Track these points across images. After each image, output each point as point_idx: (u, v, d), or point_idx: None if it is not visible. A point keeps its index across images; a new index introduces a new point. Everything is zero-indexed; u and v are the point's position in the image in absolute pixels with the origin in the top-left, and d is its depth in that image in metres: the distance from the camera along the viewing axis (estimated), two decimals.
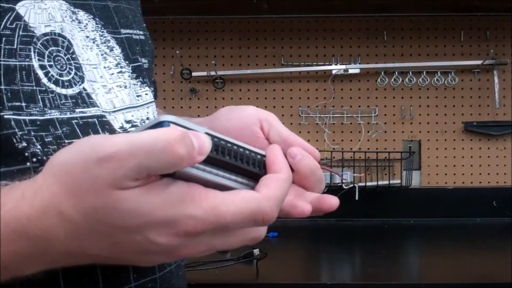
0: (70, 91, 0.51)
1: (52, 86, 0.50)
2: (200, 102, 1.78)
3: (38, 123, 0.48)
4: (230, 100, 1.77)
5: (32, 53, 0.49)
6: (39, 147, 0.48)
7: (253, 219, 0.40)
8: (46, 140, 0.48)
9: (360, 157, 1.73)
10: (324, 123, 1.76)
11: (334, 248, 1.44)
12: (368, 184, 1.69)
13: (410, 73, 1.74)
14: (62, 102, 0.50)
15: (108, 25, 0.59)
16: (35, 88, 0.49)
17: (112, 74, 0.58)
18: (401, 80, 1.75)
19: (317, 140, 1.76)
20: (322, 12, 1.74)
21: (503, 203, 1.69)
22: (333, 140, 1.76)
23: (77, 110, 0.51)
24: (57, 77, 0.51)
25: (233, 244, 0.43)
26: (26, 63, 0.49)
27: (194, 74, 1.75)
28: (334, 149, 1.74)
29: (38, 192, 0.39)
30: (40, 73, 0.49)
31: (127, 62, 0.60)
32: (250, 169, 0.43)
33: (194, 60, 1.78)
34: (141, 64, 0.63)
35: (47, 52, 0.50)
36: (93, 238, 0.39)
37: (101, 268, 0.51)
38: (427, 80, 1.75)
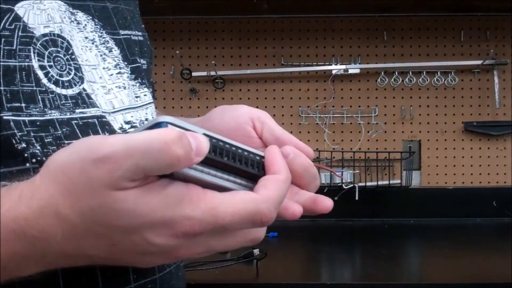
0: (70, 92, 0.51)
1: (52, 87, 0.50)
2: (200, 102, 1.78)
3: (38, 123, 0.48)
4: (230, 100, 1.77)
5: (31, 54, 0.49)
6: (38, 148, 0.48)
7: (252, 220, 0.39)
8: (45, 140, 0.48)
9: (360, 157, 1.73)
10: (324, 123, 1.76)
11: (334, 248, 1.44)
12: (368, 184, 1.69)
13: (410, 73, 1.74)
14: (62, 102, 0.50)
15: (107, 26, 0.59)
16: (35, 88, 0.49)
17: (111, 75, 0.58)
18: (401, 80, 1.75)
19: (317, 140, 1.76)
20: (322, 12, 1.74)
21: (503, 203, 1.69)
22: (333, 140, 1.76)
23: (77, 111, 0.51)
24: (57, 77, 0.51)
25: (231, 246, 0.43)
26: (26, 64, 0.48)
27: (194, 74, 1.75)
28: (334, 149, 1.74)
29: (36, 193, 0.39)
30: (40, 74, 0.49)
31: (126, 63, 0.60)
32: (248, 170, 0.42)
33: (194, 60, 1.78)
34: (140, 65, 0.62)
35: (46, 53, 0.50)
36: (91, 239, 0.39)
37: (100, 269, 0.51)
38: (427, 80, 1.74)
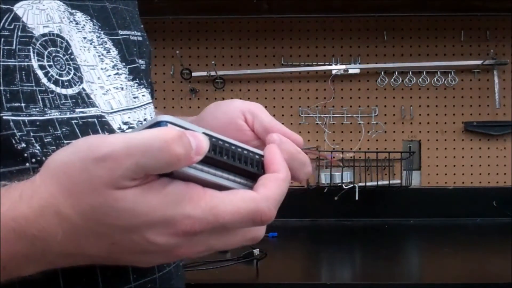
0: (70, 91, 0.51)
1: (52, 86, 0.50)
2: (200, 102, 1.78)
3: (38, 123, 0.48)
4: None
5: (31, 54, 0.49)
6: (38, 147, 0.48)
7: (251, 219, 0.39)
8: (45, 140, 0.48)
9: (360, 157, 1.73)
10: (324, 123, 1.75)
11: (334, 248, 1.44)
12: (368, 184, 1.69)
13: (410, 73, 1.74)
14: (62, 102, 0.50)
15: (105, 27, 0.59)
16: (35, 88, 0.49)
17: (109, 75, 0.58)
18: (401, 80, 1.75)
19: (317, 140, 1.76)
20: (322, 12, 1.74)
21: (503, 203, 1.69)
22: (333, 140, 1.76)
23: (77, 110, 0.51)
24: (57, 77, 0.51)
25: (231, 244, 0.43)
26: (26, 64, 0.48)
27: (194, 74, 1.75)
28: (334, 149, 1.74)
29: (36, 193, 0.39)
30: (40, 73, 0.49)
31: (124, 63, 0.60)
32: (248, 169, 0.42)
33: (194, 60, 1.78)
34: (138, 66, 0.62)
35: (46, 53, 0.50)
36: (91, 238, 0.39)
37: (100, 268, 0.51)
38: (427, 80, 1.74)
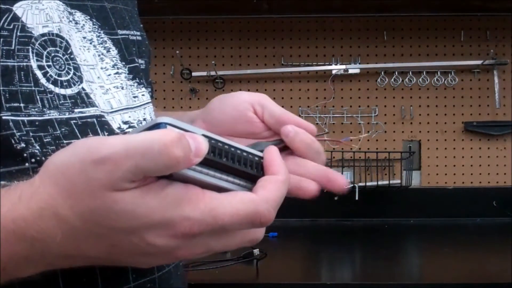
0: (69, 91, 0.51)
1: (51, 87, 0.50)
2: (200, 102, 1.78)
3: (37, 123, 0.48)
4: None
5: (30, 54, 0.49)
6: (37, 147, 0.48)
7: (251, 221, 0.39)
8: (44, 140, 0.48)
9: (360, 157, 1.73)
10: (324, 123, 1.75)
11: (334, 248, 1.44)
12: (368, 184, 1.69)
13: (410, 73, 1.74)
14: (61, 102, 0.50)
15: (104, 26, 0.59)
16: (33, 88, 0.49)
17: (109, 75, 0.58)
18: (401, 80, 1.75)
19: None
20: (322, 12, 1.74)
21: (503, 203, 1.69)
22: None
23: (76, 110, 0.51)
24: (56, 77, 0.51)
25: (231, 246, 0.43)
26: (24, 64, 0.48)
27: (194, 74, 1.75)
28: (334, 149, 1.74)
29: (35, 194, 0.39)
30: (39, 74, 0.49)
31: (124, 63, 0.60)
32: (247, 170, 0.42)
33: (194, 60, 1.77)
34: (137, 65, 0.62)
35: (45, 53, 0.50)
36: (90, 240, 0.39)
37: (100, 268, 0.51)
38: (427, 80, 1.74)
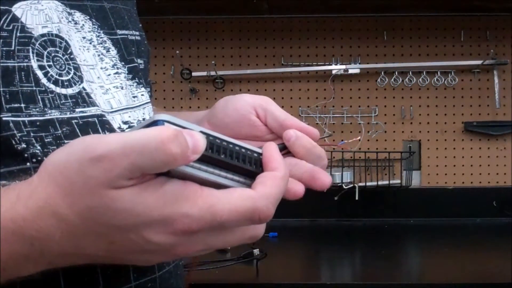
0: (70, 91, 0.51)
1: (52, 86, 0.50)
2: (200, 102, 1.78)
3: (38, 123, 0.48)
4: None
5: (30, 54, 0.49)
6: (38, 148, 0.48)
7: (249, 217, 0.39)
8: (46, 140, 0.48)
9: (360, 157, 1.73)
10: (324, 123, 1.76)
11: (334, 248, 1.44)
12: (368, 184, 1.69)
13: (410, 73, 1.74)
14: (62, 102, 0.50)
15: (104, 26, 0.59)
16: (34, 88, 0.49)
17: (109, 75, 0.58)
18: (401, 80, 1.75)
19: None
20: (322, 12, 1.74)
21: (503, 203, 1.69)
22: (333, 140, 1.76)
23: (77, 110, 0.51)
24: (57, 77, 0.51)
25: (230, 243, 0.43)
26: (25, 64, 0.48)
27: (194, 74, 1.75)
28: (334, 149, 1.74)
29: (33, 193, 0.39)
30: (39, 74, 0.49)
31: (123, 63, 0.60)
32: (246, 167, 0.42)
33: (194, 60, 1.78)
34: (137, 65, 0.63)
35: (45, 53, 0.50)
36: (89, 238, 0.39)
37: (101, 267, 0.51)
38: (427, 80, 1.74)
